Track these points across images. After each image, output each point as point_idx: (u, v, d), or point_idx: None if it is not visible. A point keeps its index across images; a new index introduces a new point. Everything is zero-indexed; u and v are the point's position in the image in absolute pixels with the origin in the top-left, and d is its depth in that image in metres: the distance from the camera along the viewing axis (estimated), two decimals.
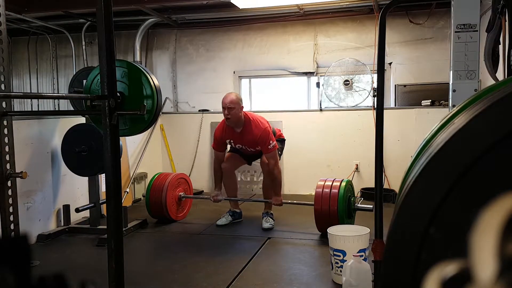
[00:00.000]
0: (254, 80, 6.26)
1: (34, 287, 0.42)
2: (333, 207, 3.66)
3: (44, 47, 6.63)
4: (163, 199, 4.20)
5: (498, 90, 0.68)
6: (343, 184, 3.77)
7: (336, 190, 3.71)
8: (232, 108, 3.87)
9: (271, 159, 4.01)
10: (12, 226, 2.80)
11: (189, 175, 5.87)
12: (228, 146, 4.28)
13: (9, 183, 2.80)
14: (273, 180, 4.08)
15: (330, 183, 3.81)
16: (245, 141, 4.08)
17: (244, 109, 4.05)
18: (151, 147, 5.65)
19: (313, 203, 3.79)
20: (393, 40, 5.49)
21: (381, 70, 2.14)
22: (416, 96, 5.47)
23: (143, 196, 4.69)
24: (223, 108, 3.91)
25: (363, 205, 3.89)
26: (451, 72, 2.29)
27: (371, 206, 3.72)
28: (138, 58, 6.00)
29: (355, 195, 4.10)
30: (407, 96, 5.57)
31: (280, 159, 4.24)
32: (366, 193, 5.10)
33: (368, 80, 5.26)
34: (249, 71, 6.12)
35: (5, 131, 2.79)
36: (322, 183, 3.85)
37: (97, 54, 1.83)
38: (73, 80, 4.22)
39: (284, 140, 4.47)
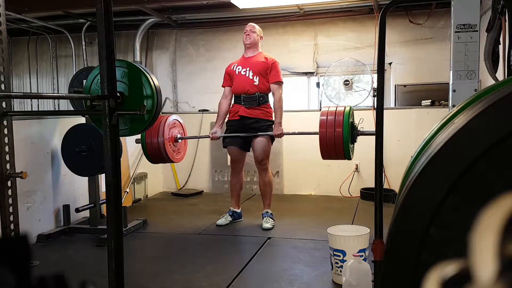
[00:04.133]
0: None
1: (34, 287, 0.42)
2: (338, 133, 3.60)
3: (44, 47, 6.63)
4: (160, 140, 4.00)
5: (498, 90, 0.68)
6: (347, 109, 3.71)
7: (341, 116, 3.64)
8: (252, 31, 4.12)
9: (279, 89, 4.11)
10: (12, 226, 2.80)
11: (189, 175, 5.88)
12: (225, 143, 4.25)
13: (9, 183, 2.80)
14: (276, 109, 4.10)
15: (334, 109, 3.74)
16: (251, 63, 4.13)
17: None
18: None
19: (317, 131, 3.72)
20: (393, 40, 5.49)
21: (381, 70, 2.14)
22: (416, 96, 5.47)
23: (137, 142, 4.27)
24: (244, 32, 4.15)
25: (366, 130, 3.81)
26: (451, 72, 2.29)
27: (374, 131, 3.62)
28: (138, 58, 6.01)
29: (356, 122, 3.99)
30: (407, 96, 5.57)
31: (272, 144, 4.20)
32: (366, 193, 5.11)
33: (368, 80, 5.26)
34: None
35: (5, 131, 2.79)
36: (326, 109, 3.78)
37: (97, 54, 1.83)
38: (73, 80, 4.22)
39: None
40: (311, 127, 5.54)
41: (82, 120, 4.17)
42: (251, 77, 4.09)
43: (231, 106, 4.27)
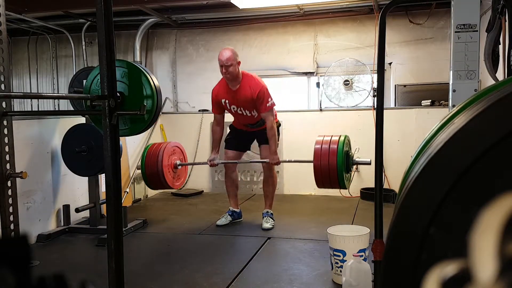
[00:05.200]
0: None
1: (34, 287, 0.42)
2: (333, 162, 3.61)
3: (44, 47, 6.63)
4: (159, 167, 4.05)
5: (498, 90, 0.68)
6: (342, 138, 3.73)
7: (335, 146, 3.66)
8: (229, 65, 3.87)
9: (270, 116, 4.00)
10: (12, 226, 2.80)
11: (189, 175, 5.87)
12: (225, 144, 4.27)
13: (9, 183, 2.80)
14: (270, 137, 4.03)
15: (329, 139, 3.76)
16: (240, 100, 4.01)
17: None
18: None
19: (312, 160, 3.75)
20: (393, 40, 5.49)
21: (381, 70, 2.14)
22: (416, 96, 5.47)
23: (138, 168, 4.49)
24: (221, 66, 3.91)
25: (361, 159, 3.84)
26: (451, 72, 2.29)
27: (369, 160, 3.67)
28: (138, 58, 6.00)
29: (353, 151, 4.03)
30: (407, 96, 5.57)
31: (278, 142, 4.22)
32: (366, 193, 5.11)
33: (368, 80, 5.26)
34: (249, 71, 6.09)
35: (5, 131, 2.79)
36: (321, 138, 3.81)
37: (97, 54, 1.83)
38: (73, 80, 4.22)
39: (280, 125, 4.40)
40: (310, 127, 5.56)
41: (82, 120, 4.17)
42: (249, 114, 4.07)
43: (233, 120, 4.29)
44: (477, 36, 2.23)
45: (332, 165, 3.61)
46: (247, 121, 4.15)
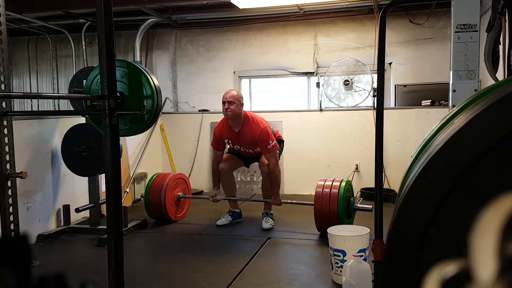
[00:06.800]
0: (254, 80, 6.27)
1: (34, 287, 0.42)
2: (333, 207, 3.67)
3: (44, 47, 6.63)
4: (162, 199, 4.21)
5: (498, 90, 0.68)
6: (343, 184, 3.78)
7: (336, 190, 3.72)
8: (232, 102, 3.87)
9: (272, 158, 4.02)
10: (12, 226, 2.80)
11: (189, 175, 5.88)
12: (227, 146, 4.29)
13: (9, 183, 2.80)
14: (272, 179, 4.08)
15: (330, 183, 3.82)
16: (243, 141, 4.07)
17: (244, 109, 4.05)
18: (151, 147, 5.65)
19: (312, 203, 3.80)
20: (393, 40, 5.49)
21: (381, 70, 2.14)
22: (416, 96, 5.47)
23: (142, 196, 4.70)
24: (223, 102, 3.92)
25: (362, 205, 3.91)
26: (451, 72, 2.29)
27: (370, 206, 3.75)
28: (138, 58, 6.00)
29: (355, 195, 4.12)
30: (407, 96, 5.57)
31: (279, 159, 4.24)
32: (366, 193, 5.10)
33: (368, 80, 5.26)
34: (249, 71, 6.12)
35: (5, 131, 2.79)
36: (322, 183, 3.86)
37: (97, 54, 1.83)
38: (73, 80, 4.22)
39: (283, 141, 4.47)
40: (310, 127, 5.56)
41: (82, 120, 4.17)
42: (252, 151, 4.13)
43: None
44: (477, 36, 2.23)
45: (333, 211, 3.68)
46: (250, 155, 4.24)
